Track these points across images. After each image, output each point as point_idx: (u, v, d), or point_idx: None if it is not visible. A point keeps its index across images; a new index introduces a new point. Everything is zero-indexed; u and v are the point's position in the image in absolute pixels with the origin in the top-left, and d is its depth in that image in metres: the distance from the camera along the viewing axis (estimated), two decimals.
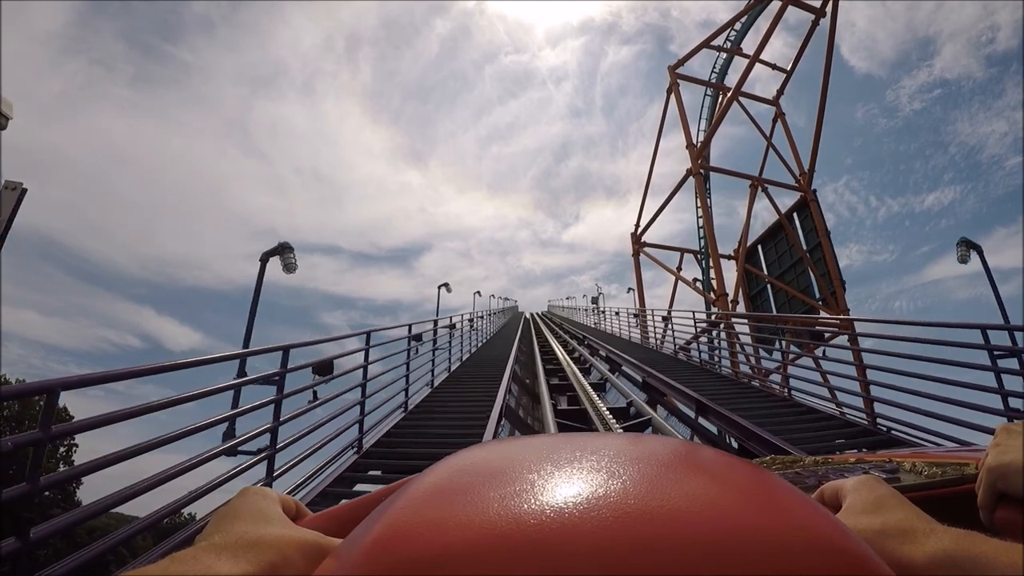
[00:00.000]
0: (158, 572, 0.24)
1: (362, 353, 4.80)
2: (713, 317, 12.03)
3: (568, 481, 0.23)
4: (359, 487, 4.12)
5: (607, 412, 6.78)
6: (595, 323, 20.93)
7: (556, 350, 13.60)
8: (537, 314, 30.49)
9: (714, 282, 19.58)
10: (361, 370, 4.70)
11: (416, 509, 0.24)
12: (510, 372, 8.11)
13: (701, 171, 19.02)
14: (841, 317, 12.69)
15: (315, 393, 4.07)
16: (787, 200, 19.75)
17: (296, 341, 3.63)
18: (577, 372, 10.23)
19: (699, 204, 20.39)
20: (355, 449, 4.47)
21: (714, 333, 10.41)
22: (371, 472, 4.37)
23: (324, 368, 4.10)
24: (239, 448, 3.24)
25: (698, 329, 10.45)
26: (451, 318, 9.14)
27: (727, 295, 17.75)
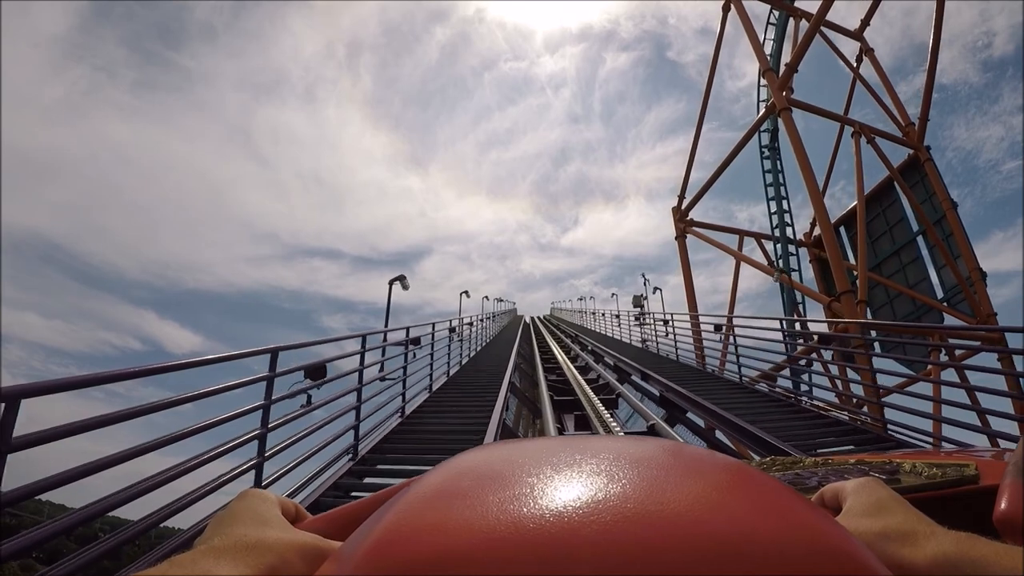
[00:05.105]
0: (158, 575, 0.24)
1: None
2: (835, 329, 8.23)
3: (568, 484, 0.23)
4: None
5: None
6: (643, 340, 13.49)
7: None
8: (539, 318, 26.90)
9: (792, 272, 14.09)
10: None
11: (416, 512, 0.24)
12: None
13: (789, 107, 12.40)
14: (988, 327, 8.82)
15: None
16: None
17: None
18: None
19: (774, 166, 15.71)
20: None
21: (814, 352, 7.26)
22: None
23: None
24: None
25: (789, 343, 7.33)
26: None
27: (853, 293, 10.85)
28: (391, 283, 12.51)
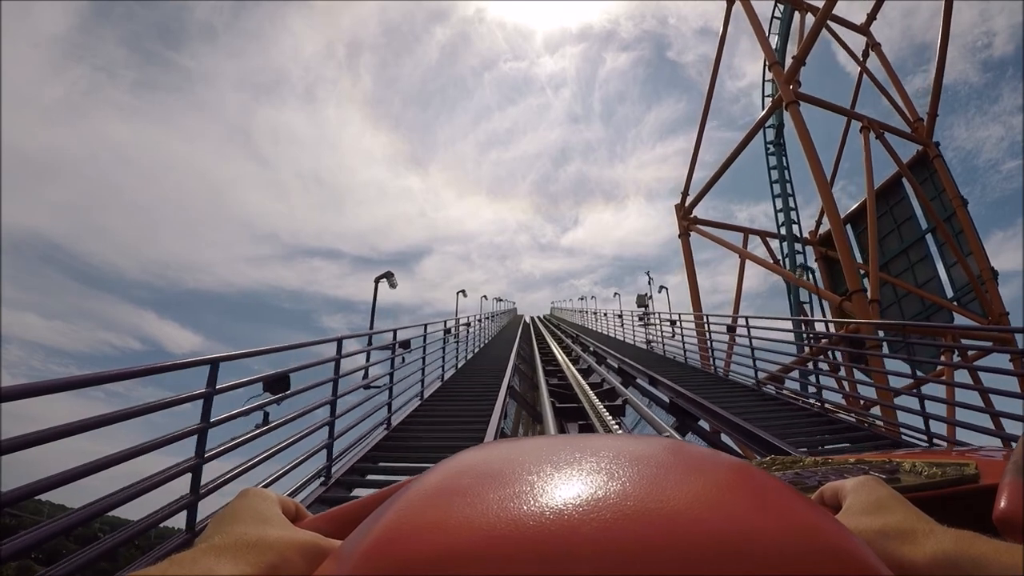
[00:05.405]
0: (158, 574, 0.24)
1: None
2: (844, 330, 7.80)
3: (568, 482, 0.24)
4: None
5: None
6: (648, 341, 13.21)
7: None
8: (539, 318, 26.61)
9: (793, 268, 13.85)
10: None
11: (416, 510, 0.24)
12: None
13: (796, 100, 11.85)
14: (1000, 328, 8.71)
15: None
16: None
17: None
18: None
19: (779, 162, 15.62)
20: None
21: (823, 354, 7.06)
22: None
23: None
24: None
25: (806, 344, 7.24)
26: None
27: (864, 291, 10.46)
28: (377, 280, 11.57)
